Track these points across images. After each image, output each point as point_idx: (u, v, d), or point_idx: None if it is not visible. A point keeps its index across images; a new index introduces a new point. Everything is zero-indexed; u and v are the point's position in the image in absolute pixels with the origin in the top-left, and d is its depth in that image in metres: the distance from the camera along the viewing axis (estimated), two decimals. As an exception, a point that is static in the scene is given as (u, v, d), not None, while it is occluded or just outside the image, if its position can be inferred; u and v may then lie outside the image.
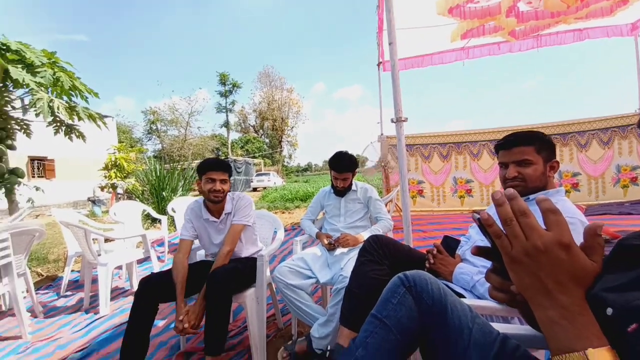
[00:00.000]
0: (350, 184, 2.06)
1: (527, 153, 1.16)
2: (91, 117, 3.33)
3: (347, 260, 1.71)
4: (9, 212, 3.27)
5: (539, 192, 1.17)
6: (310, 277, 1.74)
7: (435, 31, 4.06)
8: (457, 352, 0.77)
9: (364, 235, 1.91)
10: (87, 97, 3.39)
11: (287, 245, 4.00)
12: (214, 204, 1.74)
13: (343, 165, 1.98)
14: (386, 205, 4.68)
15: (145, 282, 1.50)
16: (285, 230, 5.12)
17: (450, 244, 1.41)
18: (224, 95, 35.15)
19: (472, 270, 1.17)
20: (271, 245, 1.96)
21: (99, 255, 2.59)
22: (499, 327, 0.83)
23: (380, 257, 1.34)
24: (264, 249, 1.95)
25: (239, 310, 2.18)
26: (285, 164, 40.18)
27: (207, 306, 1.44)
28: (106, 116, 15.91)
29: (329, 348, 1.45)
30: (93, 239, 2.49)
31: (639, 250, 0.64)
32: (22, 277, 2.22)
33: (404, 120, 1.93)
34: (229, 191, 1.80)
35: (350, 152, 2.08)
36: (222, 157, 26.08)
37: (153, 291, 1.48)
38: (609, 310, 0.59)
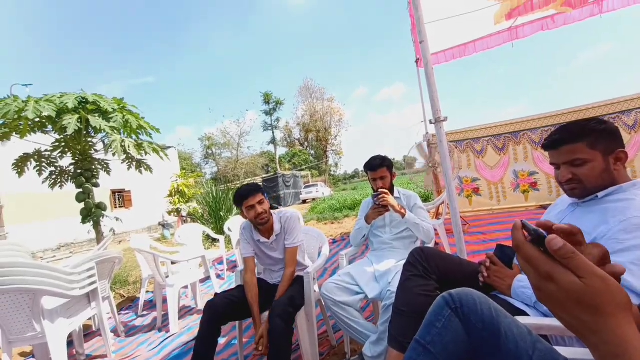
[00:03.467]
0: (392, 188, 1.99)
1: (578, 151, 1.00)
2: (155, 150, 3.74)
3: (395, 274, 1.64)
4: (97, 241, 3.80)
5: (607, 188, 1.00)
6: (358, 293, 1.70)
7: (475, 17, 3.79)
8: (517, 384, 0.68)
9: (408, 215, 1.83)
10: (151, 134, 3.83)
11: (336, 258, 3.97)
12: (263, 226, 1.83)
13: (376, 162, 1.94)
14: (438, 207, 4.41)
15: (208, 308, 1.59)
16: (335, 241, 5.11)
17: (506, 253, 1.26)
18: (269, 113, 36.98)
19: (534, 283, 1.03)
20: (317, 261, 1.97)
21: (167, 277, 2.86)
22: (569, 352, 0.72)
23: (427, 271, 1.25)
24: (311, 266, 1.96)
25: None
26: (332, 173, 40.49)
27: (270, 340, 1.48)
28: (169, 147, 17.79)
29: (381, 369, 1.38)
30: (161, 262, 2.76)
31: None
32: (107, 300, 2.54)
33: (443, 120, 1.82)
34: (271, 208, 1.87)
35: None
36: (272, 173, 27.24)
37: (216, 316, 1.58)
38: None
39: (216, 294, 1.71)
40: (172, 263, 3.23)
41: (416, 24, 1.90)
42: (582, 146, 1.00)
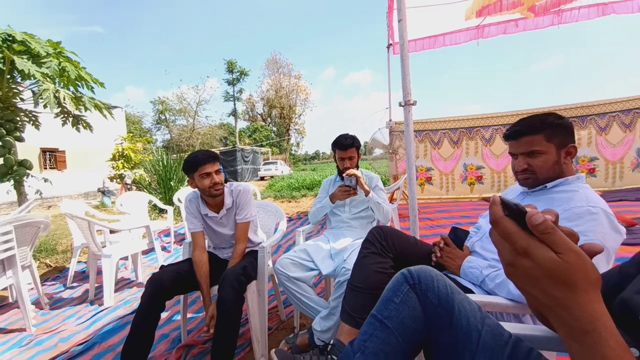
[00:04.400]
0: (357, 169, 1.97)
1: (535, 143, 1.06)
2: (97, 107, 3.29)
3: (351, 252, 1.65)
4: (18, 203, 3.31)
5: (555, 180, 1.07)
6: (312, 269, 1.69)
7: (448, 9, 3.84)
8: (465, 357, 0.69)
9: (372, 194, 1.84)
10: (93, 87, 3.35)
11: (292, 235, 3.96)
12: (214, 198, 1.67)
13: (347, 142, 1.90)
14: (394, 193, 4.58)
15: (153, 281, 1.44)
16: (291, 220, 5.09)
17: (458, 236, 1.32)
18: (231, 83, 34.95)
19: (481, 264, 1.09)
20: (273, 236, 1.91)
21: (104, 247, 2.60)
22: (511, 327, 0.76)
23: (384, 249, 1.26)
24: (266, 241, 1.90)
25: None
26: (293, 152, 40.10)
27: (219, 307, 1.38)
28: (115, 107, 16.05)
29: (330, 342, 1.40)
30: (98, 231, 2.48)
31: None
32: (27, 269, 2.24)
33: (412, 104, 1.81)
34: (225, 181, 1.74)
35: (359, 138, 1.99)
36: (230, 146, 26.15)
37: (162, 290, 1.43)
38: None
39: (162, 266, 1.56)
40: (111, 232, 2.94)
41: (395, 4, 1.84)
42: (539, 138, 1.05)
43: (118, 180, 8.22)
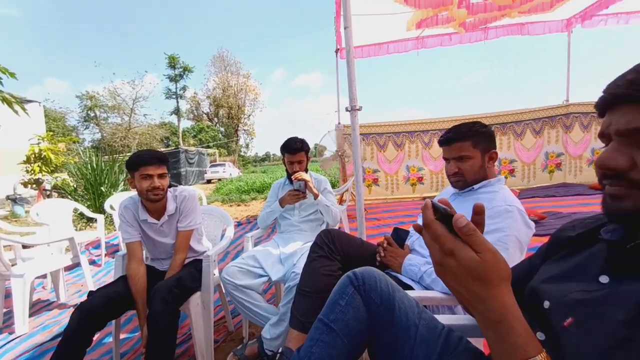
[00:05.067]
0: (306, 172, 1.98)
1: (464, 149, 1.18)
2: (5, 100, 2.82)
3: (301, 255, 1.65)
4: None
5: (480, 182, 1.19)
6: (261, 276, 1.65)
7: (392, 19, 4.08)
8: (404, 352, 0.73)
9: (320, 198, 1.86)
10: (1, 78, 2.86)
11: (241, 241, 3.83)
12: (153, 203, 1.53)
13: (296, 145, 1.90)
14: (342, 195, 4.70)
15: (81, 312, 1.23)
16: (240, 225, 4.93)
17: (400, 235, 1.41)
18: (174, 79, 32.65)
19: (420, 261, 1.17)
20: (219, 244, 1.82)
21: (14, 265, 2.22)
22: (444, 319, 0.82)
23: (332, 252, 1.28)
24: (211, 249, 1.80)
25: (184, 317, 2.01)
26: (242, 154, 38.92)
27: (149, 333, 1.25)
28: (30, 101, 13.92)
29: (279, 350, 1.38)
30: (6, 246, 2.12)
31: (573, 242, 0.65)
32: None
33: (358, 109, 1.88)
34: (169, 186, 1.61)
35: (309, 140, 2.00)
36: (173, 147, 24.45)
37: (92, 320, 1.25)
38: (546, 304, 0.58)
39: (91, 292, 1.36)
40: (24, 247, 2.54)
41: (342, 10, 1.90)
42: (467, 145, 1.17)
43: (34, 186, 7.12)
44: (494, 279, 0.43)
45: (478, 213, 0.51)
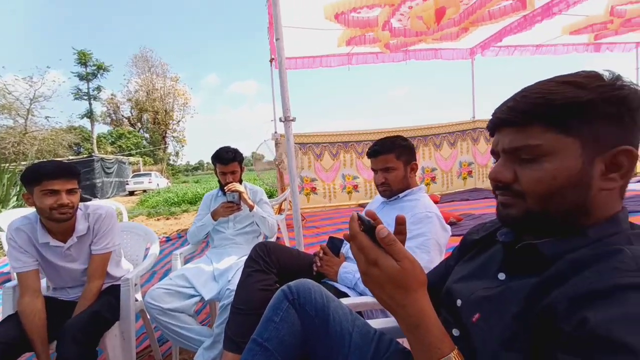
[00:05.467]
0: (241, 183, 1.91)
1: (389, 161, 1.29)
2: None
3: (236, 270, 1.58)
4: None
5: (404, 191, 1.31)
6: (193, 296, 1.53)
7: (324, 34, 4.25)
8: (339, 360, 0.75)
9: (256, 209, 1.82)
10: None
11: (169, 258, 3.51)
12: (58, 223, 1.29)
13: (228, 156, 1.82)
14: (281, 204, 4.67)
15: None
16: (170, 240, 4.52)
17: (335, 244, 1.45)
18: (84, 78, 28.56)
19: (354, 269, 1.22)
20: (141, 264, 1.64)
21: None
22: (377, 323, 0.87)
23: (268, 265, 1.26)
24: (132, 270, 1.61)
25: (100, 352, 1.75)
26: (172, 162, 35.91)
27: None
28: None
29: (214, 375, 1.29)
30: None
31: (477, 244, 0.75)
32: None
33: (292, 120, 1.90)
34: (81, 200, 1.39)
35: (244, 149, 1.94)
36: (85, 155, 21.37)
37: None
38: (459, 302, 0.65)
39: None
40: None
41: (273, 22, 1.92)
42: (392, 157, 1.28)
43: None
44: (412, 285, 0.47)
45: (400, 223, 0.56)
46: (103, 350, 1.30)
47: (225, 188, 1.81)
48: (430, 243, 1.13)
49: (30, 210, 1.35)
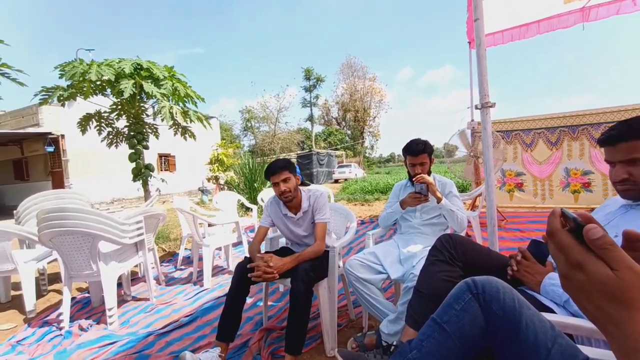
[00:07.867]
0: (429, 174, 1.94)
1: (635, 149, 0.91)
2: (199, 118, 3.94)
3: (420, 258, 1.64)
4: (144, 198, 4.17)
5: None
6: (381, 273, 1.73)
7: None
8: (532, 373, 0.68)
9: (444, 201, 1.81)
10: (196, 102, 4.02)
11: (363, 238, 4.01)
12: (290, 202, 1.88)
13: (418, 147, 1.88)
14: (475, 199, 4.22)
15: (239, 268, 1.71)
16: (363, 223, 5.14)
17: (541, 249, 1.21)
18: (308, 90, 36.75)
19: (567, 283, 0.99)
20: (343, 237, 2.02)
21: (204, 237, 3.09)
22: (589, 350, 0.70)
23: (453, 257, 1.24)
24: (337, 242, 2.02)
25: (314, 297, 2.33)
26: (367, 155, 39.86)
27: (290, 305, 1.56)
28: (211, 117, 18.49)
29: (394, 343, 1.43)
30: (200, 223, 2.98)
31: None
32: (151, 251, 2.83)
33: (490, 106, 1.72)
34: (302, 184, 1.93)
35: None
36: (307, 150, 27.43)
37: (246, 275, 1.67)
38: None
39: (246, 257, 1.82)
40: (209, 225, 3.48)
41: (472, 1, 1.77)
42: (639, 144, 0.91)
43: (214, 181, 9.52)
44: (635, 302, 0.38)
45: (633, 240, 0.44)
46: (317, 296, 1.73)
47: (413, 179, 1.89)
48: None
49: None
